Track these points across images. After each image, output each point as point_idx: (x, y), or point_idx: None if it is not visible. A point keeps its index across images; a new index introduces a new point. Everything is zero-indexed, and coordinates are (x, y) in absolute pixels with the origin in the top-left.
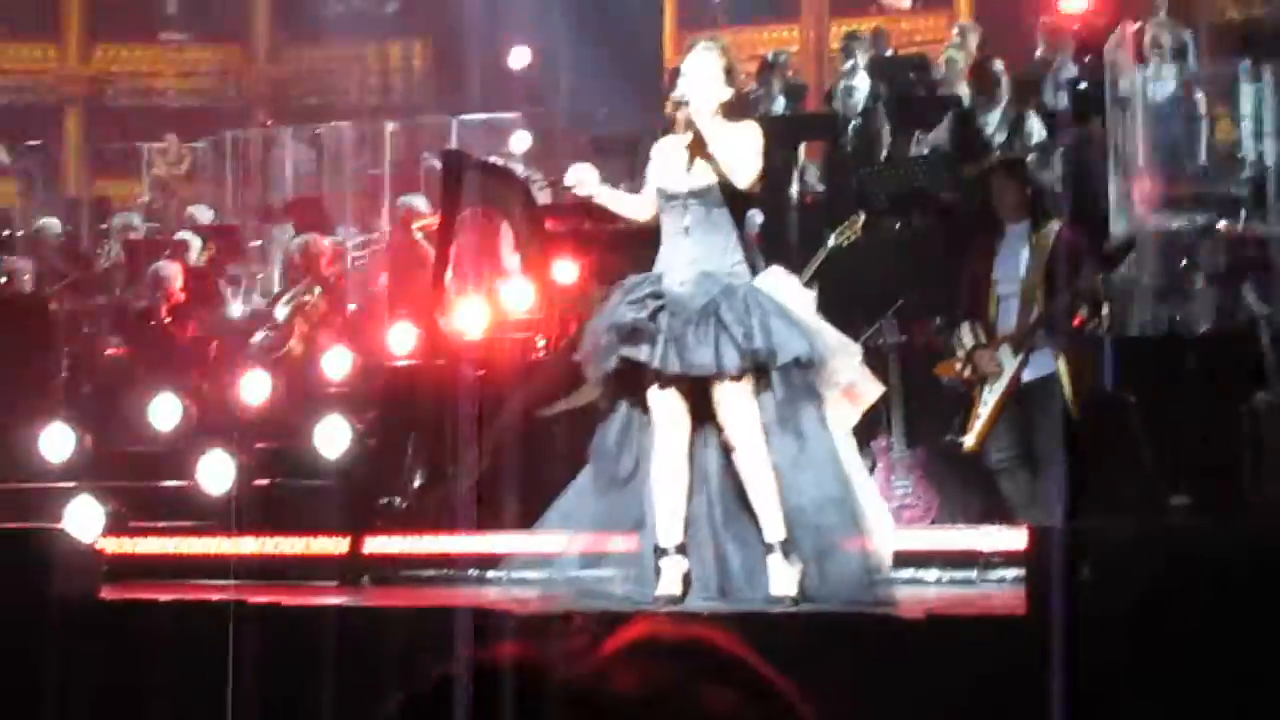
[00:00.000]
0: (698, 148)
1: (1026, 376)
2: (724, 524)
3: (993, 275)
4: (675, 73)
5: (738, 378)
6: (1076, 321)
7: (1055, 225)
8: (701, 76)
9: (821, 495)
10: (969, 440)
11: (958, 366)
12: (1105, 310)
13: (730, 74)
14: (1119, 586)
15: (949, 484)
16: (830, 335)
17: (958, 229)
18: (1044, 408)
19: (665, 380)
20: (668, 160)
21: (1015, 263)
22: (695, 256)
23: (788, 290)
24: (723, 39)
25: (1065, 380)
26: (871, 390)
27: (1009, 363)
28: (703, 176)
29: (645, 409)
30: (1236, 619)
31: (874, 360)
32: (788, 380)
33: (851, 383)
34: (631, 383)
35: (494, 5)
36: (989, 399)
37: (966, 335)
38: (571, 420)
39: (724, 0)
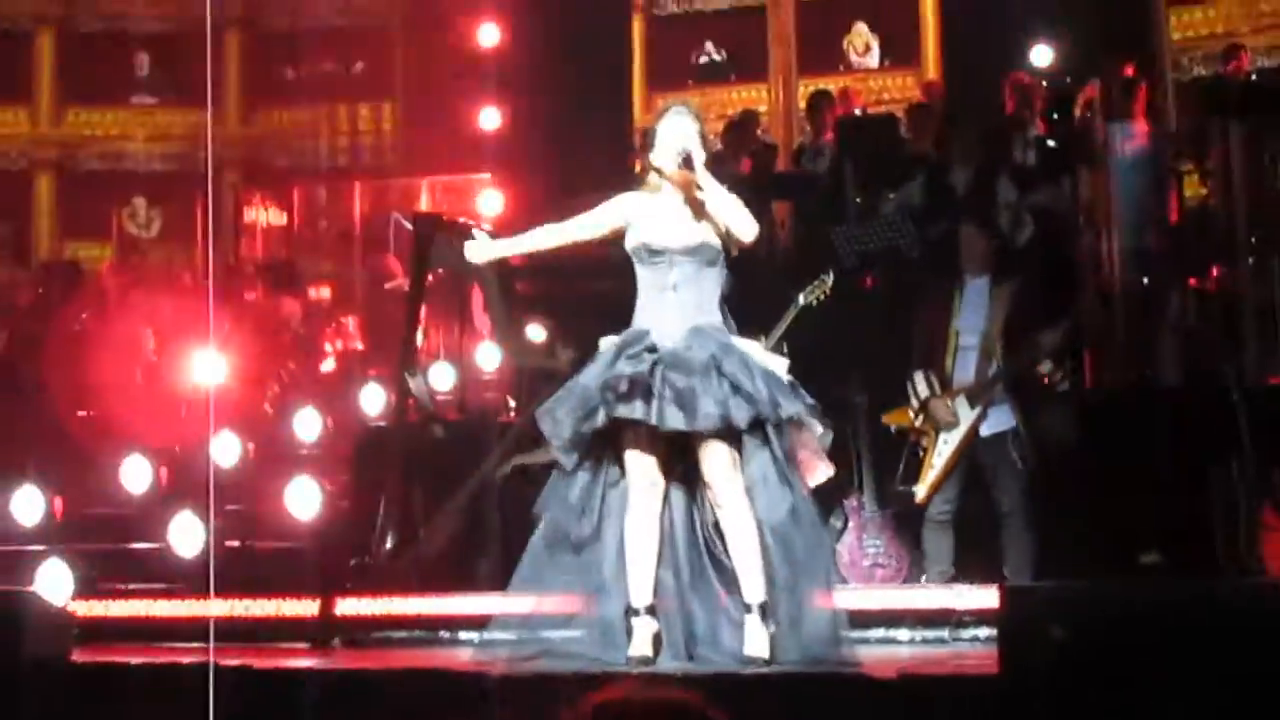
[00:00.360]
0: (697, 206)
1: (984, 431)
2: (690, 585)
3: (954, 325)
4: (645, 133)
5: (736, 434)
6: (1043, 379)
7: (1019, 279)
8: (686, 138)
9: (806, 554)
10: (920, 491)
11: (910, 415)
12: (1069, 365)
13: (702, 137)
14: (1091, 646)
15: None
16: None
17: (923, 286)
18: (1002, 463)
19: (648, 440)
20: (644, 216)
21: (978, 315)
22: (684, 313)
23: (765, 355)
24: (693, 102)
25: (1024, 435)
26: (822, 470)
27: (965, 414)
28: (695, 234)
29: (613, 469)
30: (1210, 679)
31: (844, 419)
32: (780, 438)
33: (808, 456)
34: (609, 443)
35: (462, 66)
36: (944, 450)
37: (921, 384)
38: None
39: (706, 65)
